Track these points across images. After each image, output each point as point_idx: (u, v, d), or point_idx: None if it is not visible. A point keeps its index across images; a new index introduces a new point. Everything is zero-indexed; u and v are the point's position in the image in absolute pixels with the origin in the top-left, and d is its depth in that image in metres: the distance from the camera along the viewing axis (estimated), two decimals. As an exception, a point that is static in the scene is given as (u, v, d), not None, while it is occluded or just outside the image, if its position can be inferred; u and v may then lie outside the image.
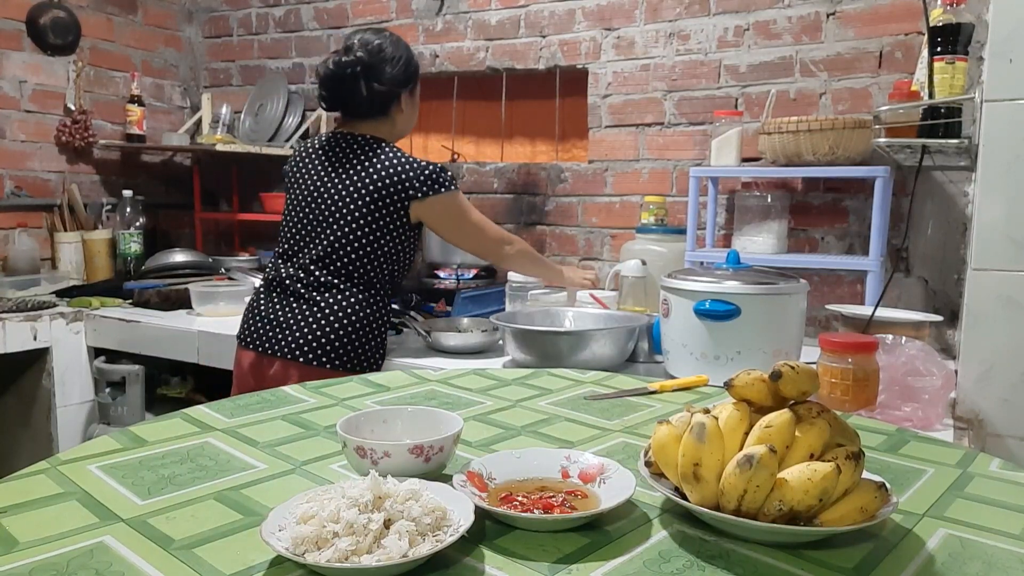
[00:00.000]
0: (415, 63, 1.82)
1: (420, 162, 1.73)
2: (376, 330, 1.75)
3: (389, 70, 1.75)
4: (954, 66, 1.62)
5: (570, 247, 2.56)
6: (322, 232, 1.73)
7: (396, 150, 1.75)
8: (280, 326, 1.72)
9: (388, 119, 1.80)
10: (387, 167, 1.71)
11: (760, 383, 0.75)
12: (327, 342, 1.68)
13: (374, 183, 1.70)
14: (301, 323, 1.70)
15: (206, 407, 1.10)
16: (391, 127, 1.81)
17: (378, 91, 1.74)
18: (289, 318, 1.72)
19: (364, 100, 1.75)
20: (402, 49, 1.78)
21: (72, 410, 2.41)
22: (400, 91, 1.78)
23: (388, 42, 1.77)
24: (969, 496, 0.81)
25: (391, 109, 1.79)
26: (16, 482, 0.80)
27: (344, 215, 1.71)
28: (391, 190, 1.69)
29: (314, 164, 1.79)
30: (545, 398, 1.20)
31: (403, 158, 1.73)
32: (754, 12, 2.19)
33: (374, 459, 0.76)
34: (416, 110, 1.89)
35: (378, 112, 1.78)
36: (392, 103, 1.78)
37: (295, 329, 1.70)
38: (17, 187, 2.79)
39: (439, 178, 1.72)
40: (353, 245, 1.71)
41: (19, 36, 2.78)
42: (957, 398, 1.44)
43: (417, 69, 1.83)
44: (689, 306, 1.46)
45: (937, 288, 2.03)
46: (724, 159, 2.05)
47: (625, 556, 0.65)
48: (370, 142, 1.76)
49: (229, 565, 0.63)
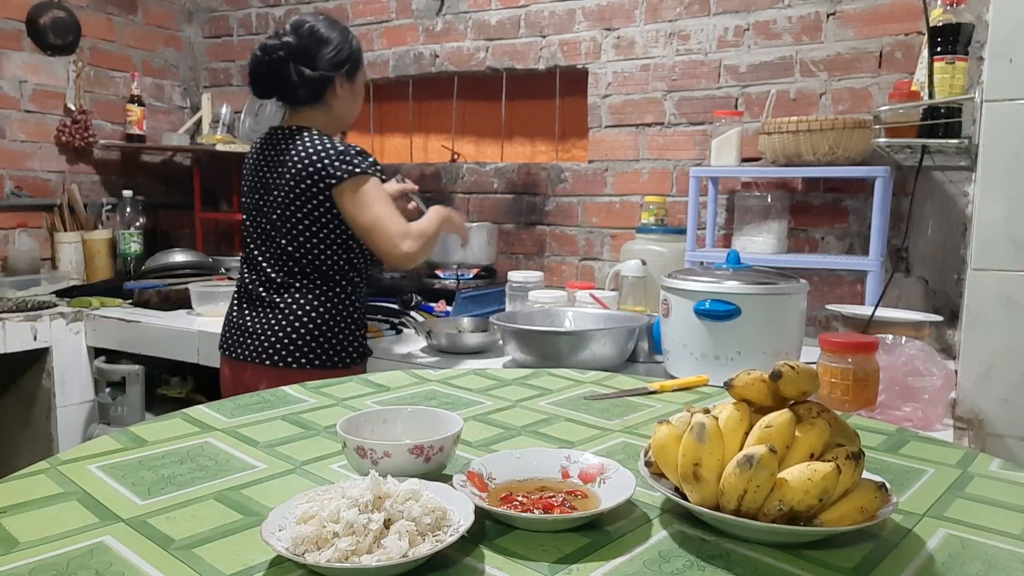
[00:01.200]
0: (354, 45, 1.73)
1: (338, 146, 1.65)
2: (341, 325, 1.70)
3: (320, 53, 1.67)
4: (954, 66, 1.62)
5: (570, 247, 2.56)
6: (269, 233, 1.70)
7: (316, 136, 1.66)
8: (247, 331, 1.71)
9: (324, 106, 1.72)
10: (303, 156, 1.64)
11: (760, 383, 0.75)
12: (290, 343, 1.66)
13: (294, 176, 1.64)
14: (265, 327, 1.68)
15: (206, 407, 1.09)
16: (328, 114, 1.73)
17: (309, 76, 1.66)
18: (255, 323, 1.70)
19: (294, 85, 1.67)
20: (336, 31, 1.70)
21: (72, 410, 2.41)
22: (333, 75, 1.69)
23: (321, 24, 1.68)
24: (969, 496, 0.81)
25: (325, 95, 1.70)
26: (16, 482, 0.80)
27: (281, 213, 1.67)
28: (311, 180, 1.62)
29: (255, 165, 1.74)
30: (545, 398, 1.20)
31: (320, 143, 1.64)
32: (754, 12, 2.19)
33: (374, 459, 0.76)
34: (358, 96, 1.79)
35: (312, 99, 1.70)
36: (326, 88, 1.70)
37: (259, 333, 1.68)
38: (17, 187, 2.79)
39: (352, 160, 1.63)
40: (299, 241, 1.66)
41: (19, 36, 2.78)
42: (957, 398, 1.44)
43: (355, 52, 1.74)
44: (689, 306, 1.46)
45: (937, 288, 2.03)
46: (724, 159, 2.05)
47: (625, 556, 0.65)
48: (294, 133, 1.68)
49: (229, 565, 0.63)
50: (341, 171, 1.62)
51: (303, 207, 1.65)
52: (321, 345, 1.68)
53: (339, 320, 1.70)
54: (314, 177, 1.63)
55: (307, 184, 1.63)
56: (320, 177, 1.62)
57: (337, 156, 1.63)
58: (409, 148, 2.94)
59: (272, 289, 1.71)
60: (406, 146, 2.95)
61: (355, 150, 1.66)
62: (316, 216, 1.65)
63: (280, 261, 1.70)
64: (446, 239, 2.41)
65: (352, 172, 1.62)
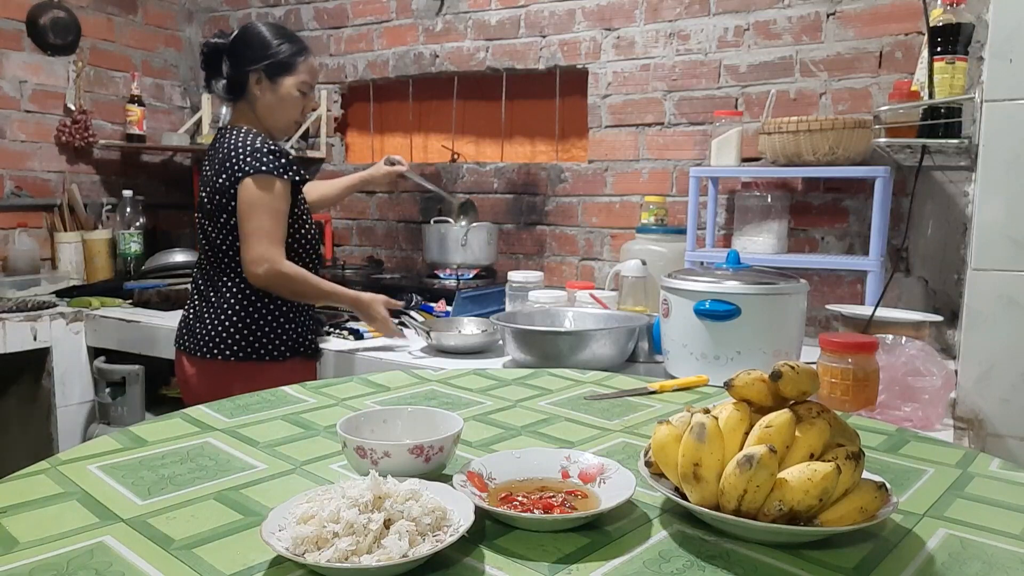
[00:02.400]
0: (285, 51, 1.74)
1: (256, 143, 1.68)
2: (267, 318, 1.73)
3: (244, 53, 1.73)
4: (954, 66, 1.62)
5: (570, 247, 2.56)
6: (204, 227, 1.76)
7: (241, 133, 1.72)
8: (187, 324, 1.80)
9: (246, 102, 1.77)
10: (225, 152, 1.69)
11: (760, 383, 0.75)
12: (216, 335, 1.72)
13: (216, 171, 1.70)
14: (196, 319, 1.76)
15: (206, 407, 1.10)
16: (252, 112, 1.77)
17: (227, 73, 1.75)
18: (191, 315, 1.79)
19: (218, 80, 1.77)
20: (273, 35, 1.75)
21: (72, 410, 2.41)
22: (247, 70, 1.73)
23: (263, 27, 1.76)
24: (969, 496, 0.81)
25: (243, 94, 1.76)
26: (16, 482, 0.80)
27: (208, 207, 1.72)
28: (226, 175, 1.67)
29: (204, 160, 1.81)
30: (545, 398, 1.20)
31: (240, 139, 1.70)
32: (754, 12, 2.19)
33: (374, 459, 0.76)
34: (284, 102, 1.76)
35: (230, 94, 1.77)
36: (243, 87, 1.75)
37: (193, 325, 1.77)
38: (17, 187, 2.79)
39: (261, 158, 1.65)
40: (223, 233, 1.70)
41: (19, 36, 2.78)
42: (957, 398, 1.44)
43: (288, 58, 1.74)
44: (689, 306, 1.46)
45: (937, 288, 2.03)
46: (724, 159, 2.05)
47: (625, 556, 0.65)
48: (227, 131, 1.76)
49: (229, 565, 0.63)
50: (248, 166, 1.65)
51: (221, 199, 1.69)
52: (246, 337, 1.72)
53: (264, 313, 1.74)
54: (228, 172, 1.67)
55: (223, 178, 1.68)
56: (232, 172, 1.67)
57: (249, 153, 1.67)
58: (409, 148, 2.94)
59: (205, 282, 1.78)
60: (406, 146, 2.95)
61: (269, 148, 1.68)
62: (232, 209, 1.68)
63: (210, 254, 1.76)
64: (444, 239, 2.42)
65: (257, 169, 1.65)
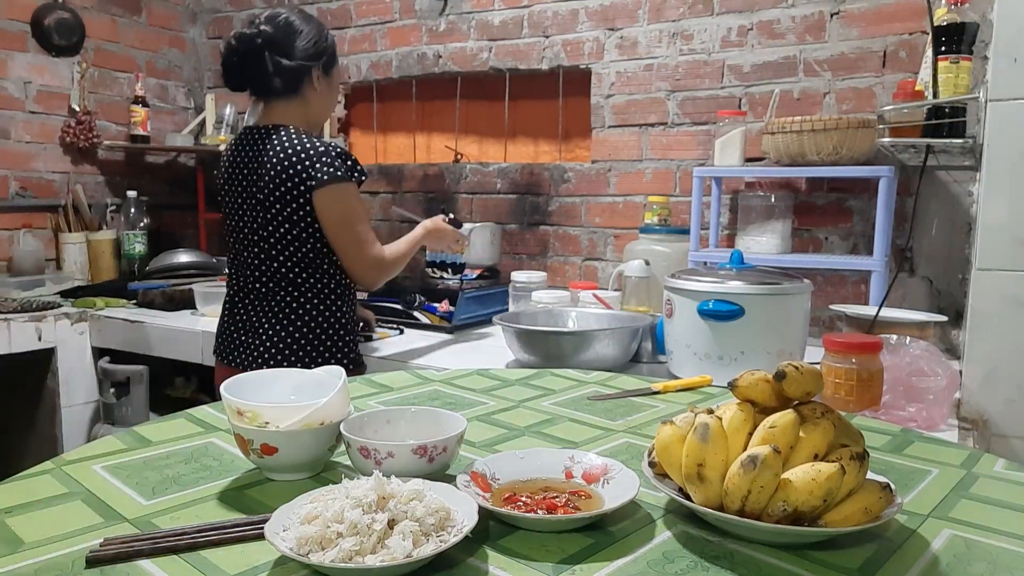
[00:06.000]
0: (329, 40, 1.70)
1: (317, 145, 1.59)
2: (329, 332, 1.65)
3: (297, 43, 1.62)
4: (958, 65, 1.62)
5: (573, 247, 2.56)
6: (252, 237, 1.64)
7: (294, 134, 1.61)
8: (237, 339, 1.67)
9: (300, 99, 1.67)
10: (283, 157, 1.57)
11: (764, 383, 0.75)
12: (277, 352, 1.62)
13: (274, 178, 1.57)
14: (252, 336, 1.65)
15: (210, 407, 1.10)
16: (304, 108, 1.68)
17: (286, 66, 1.61)
18: (244, 330, 1.67)
19: (271, 76, 1.62)
20: (312, 24, 1.67)
21: (77, 410, 2.42)
22: (311, 66, 1.65)
23: (296, 16, 1.65)
24: (974, 497, 0.81)
25: (302, 87, 1.66)
26: (21, 482, 0.80)
27: (263, 216, 1.60)
28: (291, 183, 1.57)
29: (231, 166, 1.68)
30: (548, 398, 1.20)
31: (298, 142, 1.59)
32: (758, 12, 2.19)
33: (378, 459, 0.76)
34: (334, 92, 1.75)
35: (288, 90, 1.65)
36: (303, 80, 1.65)
37: (251, 339, 1.65)
38: (22, 188, 2.80)
39: (334, 162, 1.58)
40: (283, 244, 1.61)
41: (24, 37, 2.78)
42: (962, 398, 1.44)
43: (331, 47, 1.70)
44: (693, 306, 1.46)
45: (942, 288, 2.02)
46: (728, 159, 2.05)
47: (629, 557, 0.65)
48: (270, 131, 1.63)
49: (233, 565, 0.63)
50: (322, 173, 1.57)
51: (284, 210, 1.58)
52: (309, 354, 1.63)
53: (327, 328, 1.65)
54: (295, 179, 1.57)
55: (288, 187, 1.57)
56: (301, 179, 1.57)
57: (318, 157, 1.58)
58: (412, 148, 2.94)
59: (260, 295, 1.65)
60: (409, 146, 2.95)
61: (336, 150, 1.61)
62: (298, 219, 1.59)
63: (266, 265, 1.64)
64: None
65: (334, 176, 1.57)
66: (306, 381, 0.91)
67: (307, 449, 0.80)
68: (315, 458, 0.82)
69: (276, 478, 0.82)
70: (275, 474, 0.82)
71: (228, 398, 0.82)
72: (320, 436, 0.80)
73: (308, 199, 1.58)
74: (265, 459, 0.80)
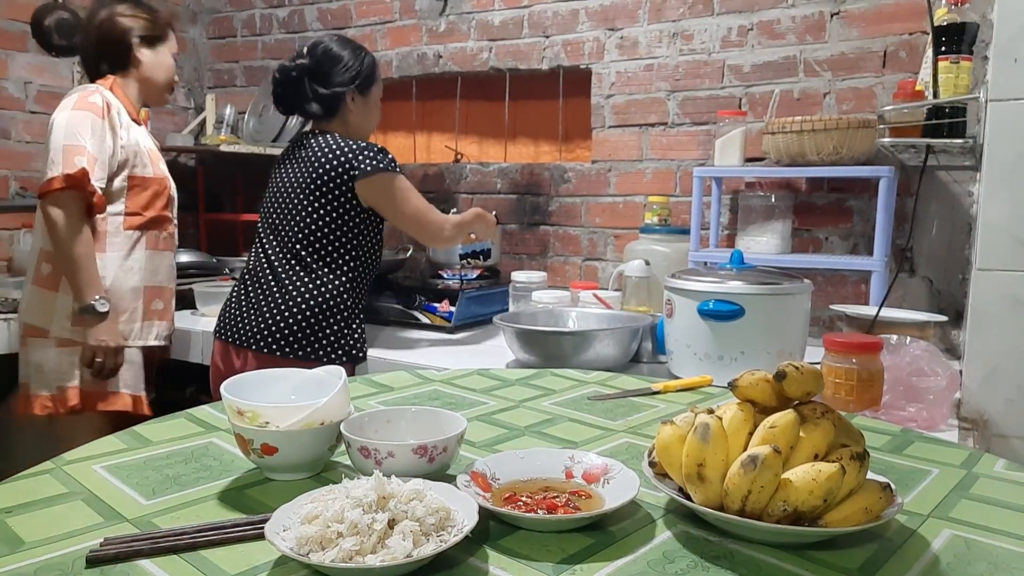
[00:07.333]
0: (366, 62, 1.84)
1: (360, 143, 1.75)
2: (337, 317, 1.74)
3: (333, 72, 1.79)
4: (959, 65, 1.62)
5: (573, 247, 2.56)
6: (277, 224, 1.79)
7: (338, 136, 1.77)
8: (243, 317, 1.77)
9: (339, 120, 1.83)
10: (326, 151, 1.74)
11: (764, 383, 0.75)
12: (278, 331, 1.71)
13: (316, 168, 1.73)
14: (263, 312, 1.73)
15: (210, 407, 1.10)
16: (344, 127, 1.84)
17: (322, 94, 1.79)
18: (250, 308, 1.77)
19: (309, 101, 1.80)
20: (348, 49, 1.82)
21: (77, 410, 2.41)
22: (343, 91, 1.80)
23: (334, 44, 1.81)
24: (974, 497, 0.81)
25: (338, 110, 1.82)
26: (21, 482, 0.80)
27: (294, 202, 1.75)
28: (334, 172, 1.72)
29: (279, 167, 1.86)
30: (549, 398, 1.20)
31: (341, 141, 1.75)
32: (758, 12, 2.19)
33: (378, 459, 0.76)
34: (373, 108, 1.89)
35: (326, 114, 1.81)
36: (338, 105, 1.81)
37: (255, 319, 1.74)
38: (22, 188, 2.80)
39: (376, 156, 1.73)
40: (305, 232, 1.74)
41: (24, 37, 2.78)
42: (962, 398, 1.44)
43: (367, 68, 1.84)
44: (693, 306, 1.46)
45: (942, 288, 2.02)
46: (728, 159, 2.05)
47: (629, 556, 0.65)
48: (316, 134, 1.80)
49: (233, 565, 0.63)
50: (365, 164, 1.72)
51: (320, 199, 1.73)
52: (317, 335, 1.71)
53: (334, 311, 1.74)
54: (337, 169, 1.72)
55: (329, 176, 1.72)
56: (344, 169, 1.71)
57: (360, 151, 1.73)
58: (412, 148, 2.94)
59: (272, 275, 1.76)
60: (409, 146, 2.95)
61: (376, 148, 1.75)
62: (331, 208, 1.73)
63: (284, 248, 1.76)
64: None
65: (377, 167, 1.72)
66: (306, 381, 0.91)
67: (307, 449, 0.80)
68: (315, 458, 0.82)
69: (276, 478, 0.82)
70: (275, 474, 0.82)
71: (228, 398, 0.82)
72: (320, 436, 0.80)
73: (350, 187, 1.73)
74: (265, 459, 0.80)
